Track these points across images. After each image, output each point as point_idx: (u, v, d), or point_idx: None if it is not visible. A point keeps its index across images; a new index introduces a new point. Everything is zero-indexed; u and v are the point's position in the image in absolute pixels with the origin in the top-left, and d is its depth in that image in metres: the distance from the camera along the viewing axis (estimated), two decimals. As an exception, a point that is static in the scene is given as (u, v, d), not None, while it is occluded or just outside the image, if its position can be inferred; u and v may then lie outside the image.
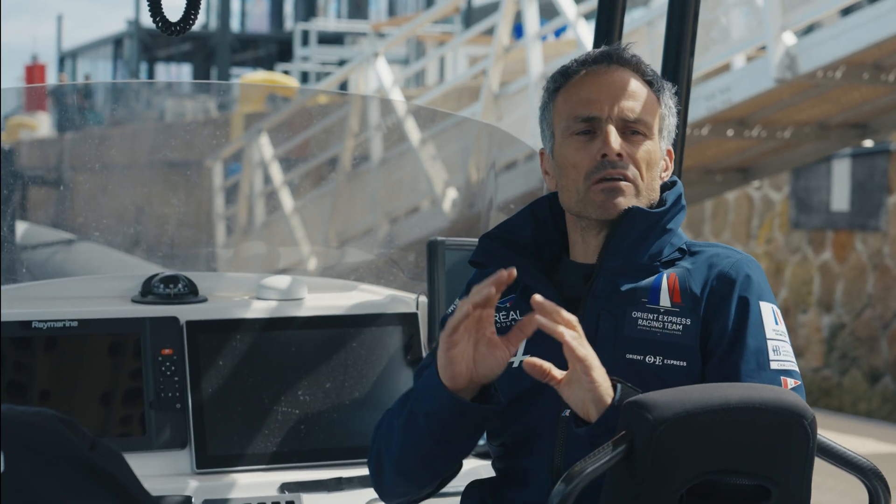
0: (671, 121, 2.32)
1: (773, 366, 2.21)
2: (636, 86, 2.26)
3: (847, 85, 8.36)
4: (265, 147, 9.37)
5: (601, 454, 1.97)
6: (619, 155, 2.22)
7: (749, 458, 2.01)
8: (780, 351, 2.23)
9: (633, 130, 2.24)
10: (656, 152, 2.27)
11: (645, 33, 9.16)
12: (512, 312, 2.31)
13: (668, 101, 2.31)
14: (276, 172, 9.33)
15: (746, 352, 2.19)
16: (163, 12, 2.35)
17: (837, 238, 11.49)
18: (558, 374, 2.07)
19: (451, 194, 9.56)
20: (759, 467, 2.01)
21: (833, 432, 9.21)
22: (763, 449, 2.01)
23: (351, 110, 9.31)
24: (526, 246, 2.32)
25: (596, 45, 2.92)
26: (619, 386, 2.07)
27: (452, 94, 12.61)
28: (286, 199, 8.96)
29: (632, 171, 2.23)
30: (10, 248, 3.51)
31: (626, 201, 2.23)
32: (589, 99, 2.24)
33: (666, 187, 2.32)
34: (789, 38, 8.16)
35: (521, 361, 2.26)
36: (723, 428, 1.99)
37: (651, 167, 2.25)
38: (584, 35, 9.40)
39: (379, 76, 11.32)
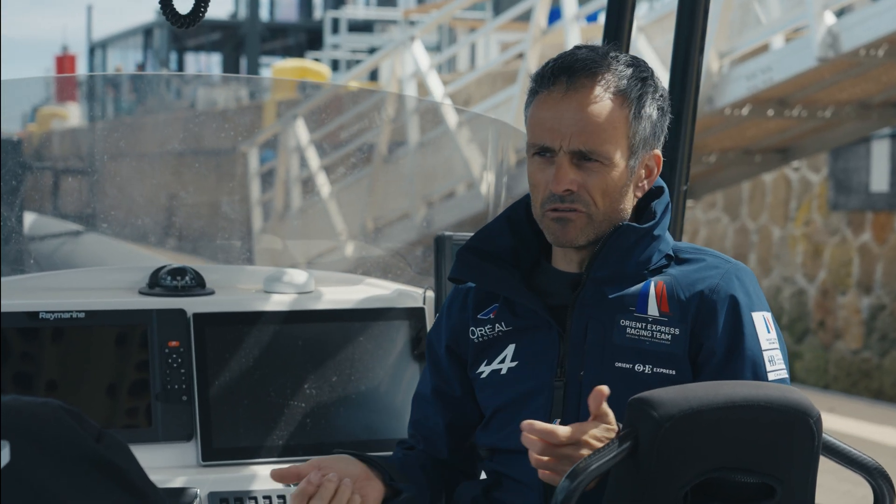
0: (651, 129, 2.22)
1: (771, 377, 2.19)
2: (598, 109, 2.17)
3: (889, 63, 8.27)
4: (301, 132, 9.36)
5: (606, 451, 1.96)
6: (569, 190, 2.17)
7: (754, 456, 2.00)
8: (775, 360, 2.21)
9: (588, 158, 2.17)
10: (616, 178, 2.19)
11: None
12: (497, 325, 2.29)
13: (647, 109, 2.21)
14: (313, 158, 9.33)
15: (744, 366, 2.18)
16: (172, 5, 2.35)
17: (877, 219, 11.37)
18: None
19: (489, 178, 9.53)
20: (764, 465, 2.00)
21: (871, 423, 9.09)
22: (768, 447, 2.00)
23: (387, 97, 9.30)
24: (504, 255, 2.28)
25: (605, 40, 2.87)
26: None
27: (486, 79, 12.56)
28: (323, 185, 8.95)
29: (583, 203, 2.18)
30: (18, 239, 3.51)
31: (576, 231, 2.19)
32: (545, 126, 2.18)
33: (653, 195, 2.27)
34: (830, 17, 8.07)
35: (508, 368, 2.25)
36: (728, 425, 1.98)
37: (609, 194, 2.19)
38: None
39: (416, 60, 11.28)
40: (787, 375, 2.21)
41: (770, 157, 10.22)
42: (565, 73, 2.18)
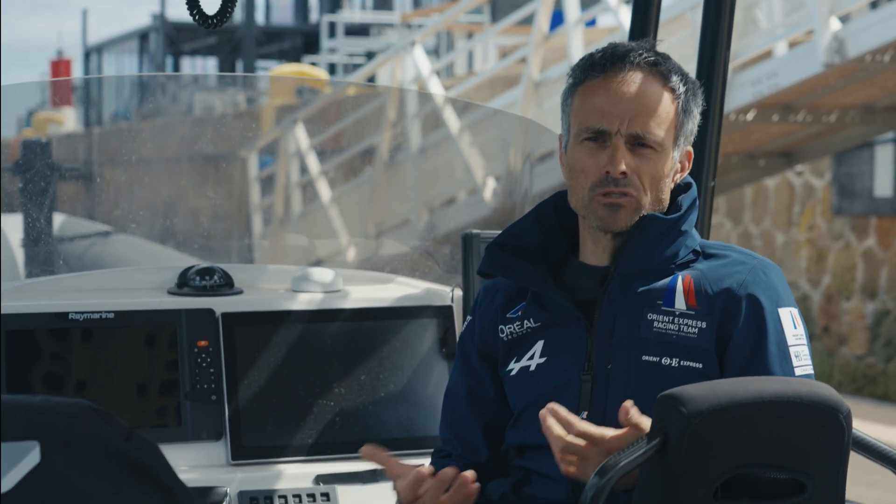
0: (692, 125, 2.28)
1: (798, 372, 2.22)
2: (654, 95, 2.22)
3: (894, 68, 8.28)
4: (301, 137, 9.36)
5: (635, 448, 1.97)
6: (624, 173, 2.20)
7: (784, 452, 2.00)
8: (801, 356, 2.24)
9: (643, 144, 2.21)
10: (666, 165, 2.24)
11: (689, 19, 9.09)
12: (526, 321, 2.31)
13: (691, 105, 2.26)
14: (313, 163, 9.33)
15: (770, 362, 2.20)
16: (200, 5, 2.37)
17: (881, 224, 11.38)
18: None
19: (491, 183, 9.55)
20: (794, 461, 2.00)
21: (878, 424, 9.09)
22: (798, 442, 2.00)
23: (388, 100, 9.30)
24: (532, 251, 2.31)
25: (632, 37, 2.89)
26: None
27: (486, 83, 12.54)
28: (324, 190, 8.96)
29: (635, 188, 2.21)
30: (48, 240, 3.53)
31: (626, 217, 2.22)
32: (601, 110, 2.21)
33: (680, 189, 2.30)
34: (836, 23, 8.10)
35: (537, 365, 2.27)
36: (757, 421, 1.98)
37: (657, 181, 2.23)
38: (626, 21, 9.33)
39: (416, 65, 11.28)
40: (811, 371, 2.24)
41: (774, 162, 10.24)
42: (621, 61, 2.22)
